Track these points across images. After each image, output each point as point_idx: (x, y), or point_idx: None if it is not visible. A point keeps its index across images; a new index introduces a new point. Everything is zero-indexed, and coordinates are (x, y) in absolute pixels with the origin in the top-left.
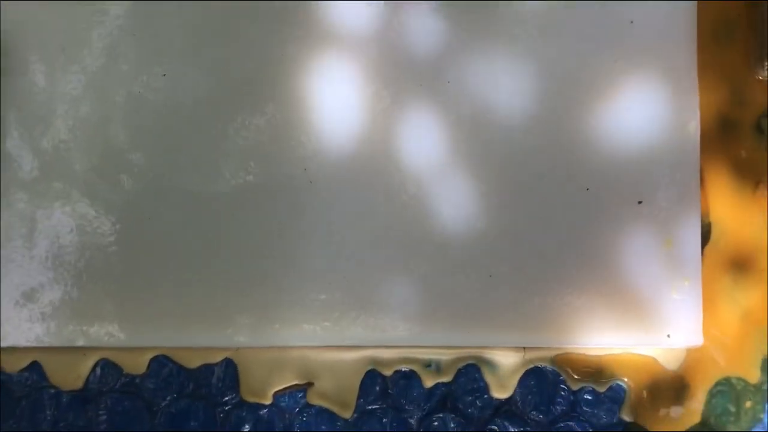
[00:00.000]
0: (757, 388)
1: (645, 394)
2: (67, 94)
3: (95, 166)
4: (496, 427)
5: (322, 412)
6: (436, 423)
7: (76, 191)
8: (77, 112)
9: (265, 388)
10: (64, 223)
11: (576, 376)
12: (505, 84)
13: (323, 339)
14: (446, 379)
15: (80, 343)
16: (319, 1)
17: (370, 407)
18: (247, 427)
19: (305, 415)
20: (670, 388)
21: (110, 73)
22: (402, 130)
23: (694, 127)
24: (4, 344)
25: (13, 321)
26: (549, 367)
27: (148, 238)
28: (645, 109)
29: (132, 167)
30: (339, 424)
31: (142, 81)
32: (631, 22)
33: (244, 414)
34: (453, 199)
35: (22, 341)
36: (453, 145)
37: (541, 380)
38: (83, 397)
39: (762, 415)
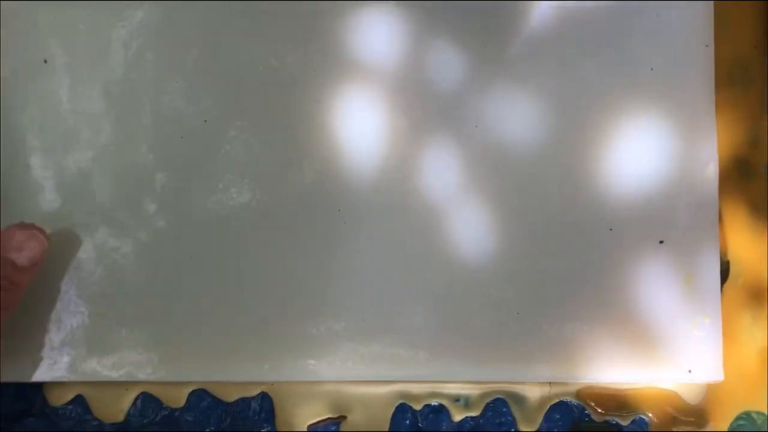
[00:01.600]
0: None
1: (667, 427)
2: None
3: (122, 199)
4: None
5: None
6: None
7: (110, 228)
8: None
9: (299, 420)
10: (108, 261)
11: (600, 410)
12: (528, 127)
13: (355, 374)
14: (474, 413)
15: (122, 377)
16: (343, 34)
17: None
18: None
19: None
20: (692, 422)
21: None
22: (421, 162)
23: (712, 168)
24: (49, 379)
25: (58, 356)
26: (574, 401)
27: (188, 279)
28: (665, 151)
29: (167, 206)
30: None
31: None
32: (651, 69)
33: None
34: (479, 237)
35: (67, 376)
36: (475, 182)
37: (566, 414)
38: (125, 430)
39: None
